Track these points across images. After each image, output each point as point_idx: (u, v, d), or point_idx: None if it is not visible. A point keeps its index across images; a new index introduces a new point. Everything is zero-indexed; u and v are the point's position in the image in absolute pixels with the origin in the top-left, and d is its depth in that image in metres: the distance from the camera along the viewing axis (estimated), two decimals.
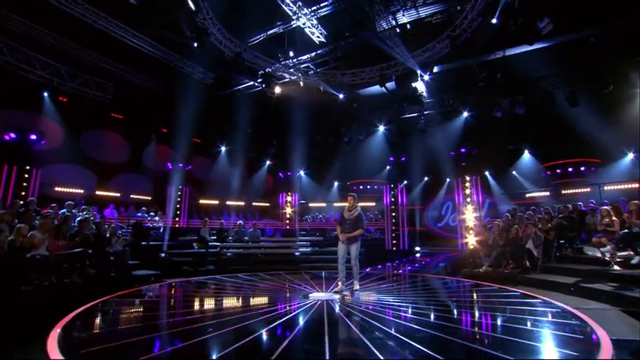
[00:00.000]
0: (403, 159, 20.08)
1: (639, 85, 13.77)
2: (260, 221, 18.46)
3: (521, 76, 14.62)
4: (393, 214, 17.26)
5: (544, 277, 8.52)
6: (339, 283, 7.62)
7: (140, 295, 7.83)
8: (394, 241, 17.09)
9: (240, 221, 14.81)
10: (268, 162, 21.68)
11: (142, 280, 9.15)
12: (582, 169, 17.45)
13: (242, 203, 20.57)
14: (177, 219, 17.12)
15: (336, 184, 23.02)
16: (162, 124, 17.33)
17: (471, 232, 15.31)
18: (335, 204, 22.14)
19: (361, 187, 22.75)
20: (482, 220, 15.24)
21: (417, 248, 18.06)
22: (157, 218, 15.72)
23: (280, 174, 22.63)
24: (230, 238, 13.80)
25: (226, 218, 18.12)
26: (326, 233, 18.08)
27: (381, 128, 18.60)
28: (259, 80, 13.81)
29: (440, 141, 17.52)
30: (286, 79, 14.47)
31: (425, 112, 16.77)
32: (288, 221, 18.97)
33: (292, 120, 17.64)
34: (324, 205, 22.10)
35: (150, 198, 18.12)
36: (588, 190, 15.76)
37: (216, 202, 20.22)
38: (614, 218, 8.33)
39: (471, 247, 11.84)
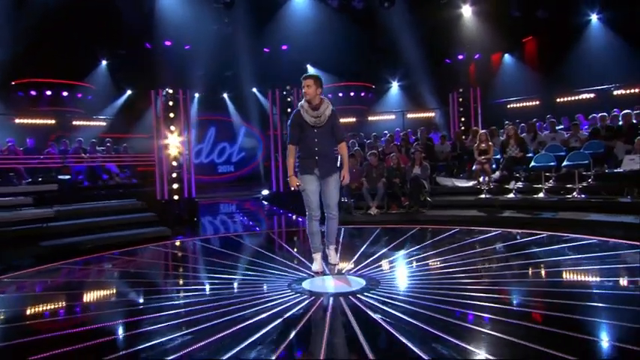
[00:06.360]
0: (187, 47, 12.01)
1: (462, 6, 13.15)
2: None
3: None
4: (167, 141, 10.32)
5: (445, 212, 7.54)
6: (317, 257, 4.16)
7: None
8: (174, 186, 10.47)
9: None
10: None
11: None
12: (362, 94, 16.44)
13: None
14: None
15: None
16: None
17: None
18: (19, 120, 11.36)
19: (49, 92, 12.45)
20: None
21: None
22: None
23: None
24: None
25: None
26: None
27: None
28: None
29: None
30: None
31: None
32: None
33: None
34: None
35: None
36: (393, 117, 14.86)
37: None
38: (490, 143, 8.06)
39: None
